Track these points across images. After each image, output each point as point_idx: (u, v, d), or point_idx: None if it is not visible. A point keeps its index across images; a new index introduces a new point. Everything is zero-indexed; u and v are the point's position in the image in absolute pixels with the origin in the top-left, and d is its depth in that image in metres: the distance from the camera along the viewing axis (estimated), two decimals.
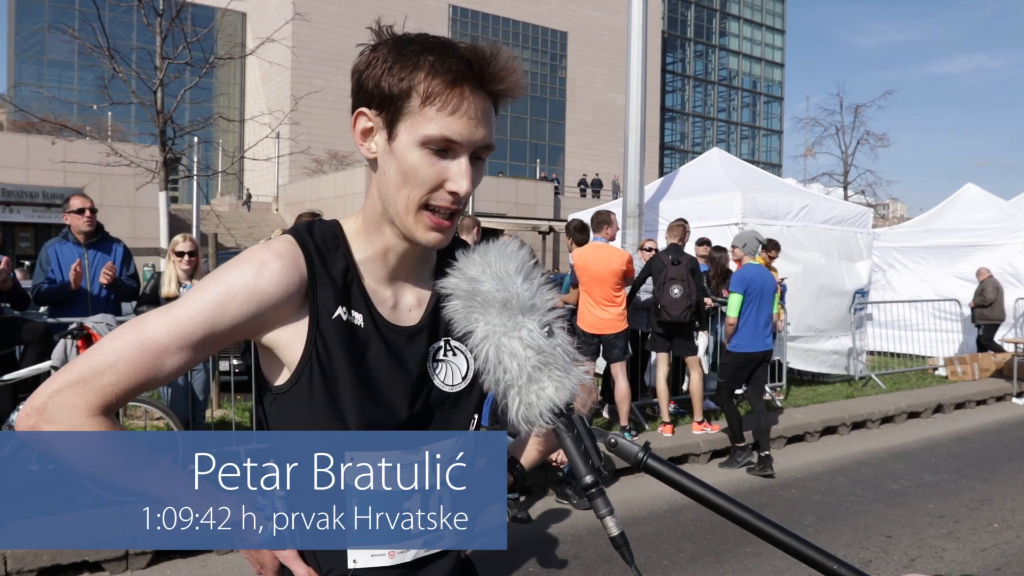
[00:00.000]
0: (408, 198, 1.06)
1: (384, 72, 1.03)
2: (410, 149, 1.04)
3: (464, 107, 1.03)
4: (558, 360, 1.03)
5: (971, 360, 10.99)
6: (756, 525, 0.96)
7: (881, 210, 27.11)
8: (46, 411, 0.98)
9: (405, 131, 1.04)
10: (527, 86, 1.10)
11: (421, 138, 1.03)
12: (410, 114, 1.03)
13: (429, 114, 1.02)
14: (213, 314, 1.02)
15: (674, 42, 59.61)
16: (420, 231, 1.09)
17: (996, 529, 5.10)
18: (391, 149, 1.06)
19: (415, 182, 1.05)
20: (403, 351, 1.14)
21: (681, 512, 5.32)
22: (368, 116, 1.08)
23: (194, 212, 13.45)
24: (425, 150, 1.04)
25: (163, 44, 8.19)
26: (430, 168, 1.04)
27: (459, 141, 1.04)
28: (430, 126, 1.02)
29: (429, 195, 1.06)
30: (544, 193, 34.97)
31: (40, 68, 43.74)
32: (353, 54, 1.11)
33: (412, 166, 1.04)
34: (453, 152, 1.05)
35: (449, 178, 1.05)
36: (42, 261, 5.29)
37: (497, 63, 1.03)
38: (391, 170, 1.07)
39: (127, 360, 0.99)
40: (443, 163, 1.05)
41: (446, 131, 1.03)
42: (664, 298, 6.66)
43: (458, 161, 1.05)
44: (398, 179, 1.06)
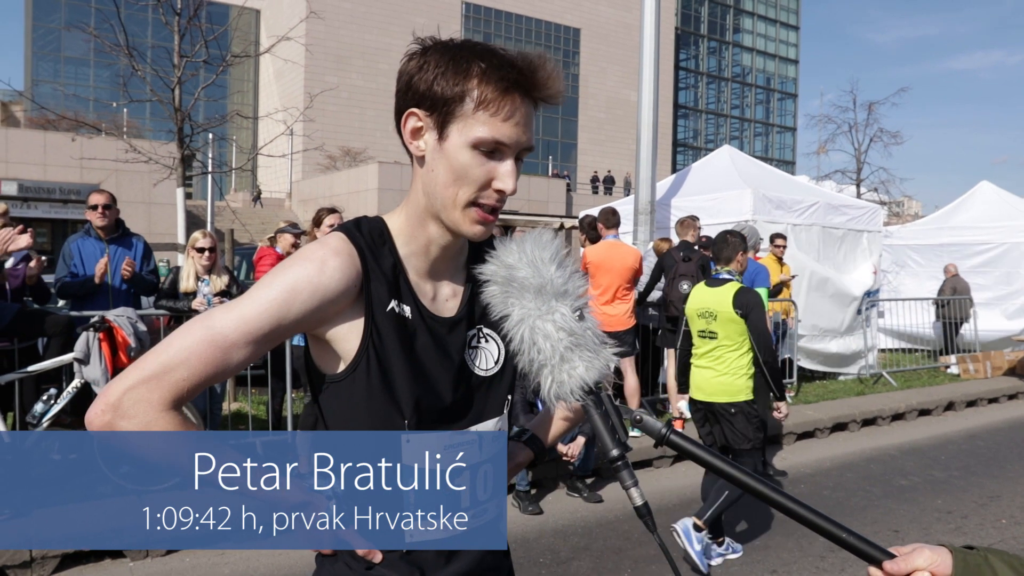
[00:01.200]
0: (458, 195, 1.14)
1: (437, 76, 1.11)
2: (461, 150, 1.12)
3: (514, 113, 1.11)
4: (588, 342, 1.12)
5: (983, 358, 10.96)
6: (770, 496, 1.03)
7: (895, 208, 26.97)
8: (121, 407, 1.02)
9: (457, 133, 1.12)
10: (565, 92, 1.19)
11: (473, 140, 1.11)
12: (463, 117, 1.11)
13: (481, 118, 1.10)
14: (279, 310, 1.08)
15: (687, 38, 59.39)
16: (466, 224, 1.16)
17: (1004, 525, 5.13)
18: (441, 149, 1.14)
19: (465, 180, 1.13)
20: (446, 340, 1.22)
21: (690, 505, 5.37)
22: (419, 116, 1.15)
23: (209, 208, 13.57)
24: (476, 151, 1.12)
25: (181, 42, 8.29)
26: (480, 168, 1.12)
27: (508, 144, 1.12)
28: (482, 129, 1.10)
29: (478, 193, 1.14)
30: (556, 190, 35.00)
31: (57, 65, 44.13)
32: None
33: (463, 165, 1.12)
34: (501, 154, 1.13)
35: (497, 177, 1.13)
36: (65, 255, 5.40)
37: (544, 72, 1.12)
38: (440, 168, 1.14)
39: (198, 355, 1.05)
40: (491, 164, 1.13)
41: (497, 135, 1.11)
42: (673, 293, 6.71)
43: (506, 162, 1.14)
44: (448, 177, 1.14)
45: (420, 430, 1.16)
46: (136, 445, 1.04)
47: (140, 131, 31.77)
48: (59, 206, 24.23)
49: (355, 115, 41.34)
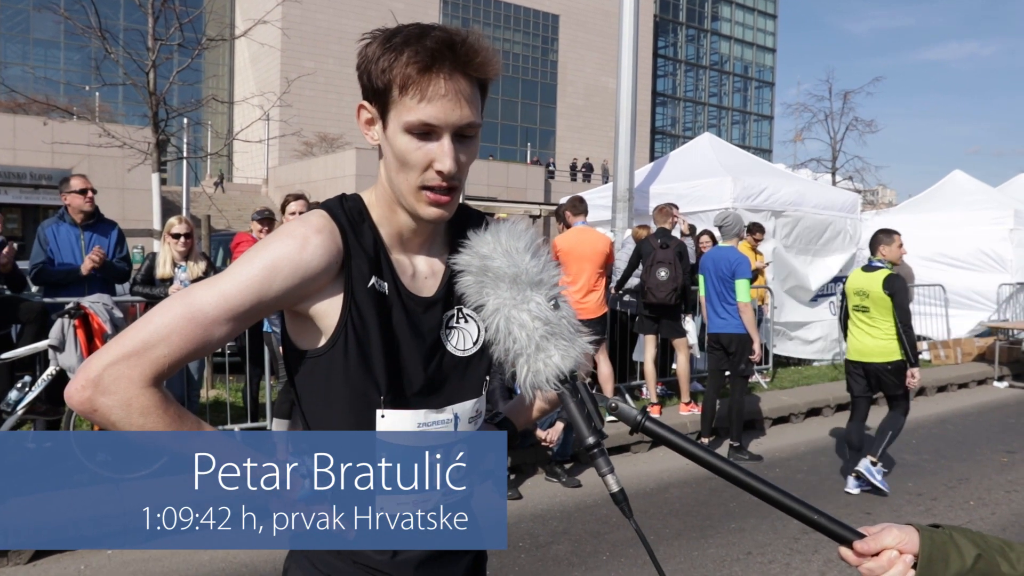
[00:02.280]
0: (407, 181, 1.15)
1: (373, 67, 1.12)
2: (398, 136, 1.13)
3: (438, 91, 1.10)
4: (564, 331, 1.14)
5: (954, 344, 11.17)
6: (744, 480, 1.06)
7: (869, 196, 27.27)
8: (101, 383, 1.02)
9: (393, 120, 1.14)
10: (500, 64, 1.17)
11: (404, 125, 1.12)
12: (394, 104, 1.12)
13: (408, 103, 1.11)
14: (260, 286, 1.09)
15: (666, 26, 59.41)
16: (422, 208, 1.17)
17: (972, 506, 5.26)
18: (387, 137, 1.16)
19: (407, 166, 1.14)
20: (419, 319, 1.23)
21: (668, 490, 5.45)
22: (367, 108, 1.18)
23: (184, 194, 13.39)
24: (409, 135, 1.13)
25: (155, 25, 8.16)
26: (417, 152, 1.13)
27: (436, 124, 1.12)
28: (409, 114, 1.11)
29: (422, 176, 1.14)
30: (535, 177, 34.98)
31: (26, 47, 43.18)
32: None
33: (402, 151, 1.14)
34: (435, 134, 1.13)
35: (435, 159, 1.13)
36: (40, 241, 5.31)
37: (465, 45, 1.11)
38: (389, 156, 1.17)
39: (178, 332, 1.05)
40: (428, 145, 1.13)
41: (423, 116, 1.11)
42: (651, 280, 6.76)
43: (440, 142, 1.13)
44: (395, 164, 1.16)
45: (396, 408, 1.18)
46: (115, 420, 1.04)
47: (113, 115, 31.22)
48: (30, 191, 23.79)
49: (332, 100, 40.90)
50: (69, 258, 5.33)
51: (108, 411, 1.02)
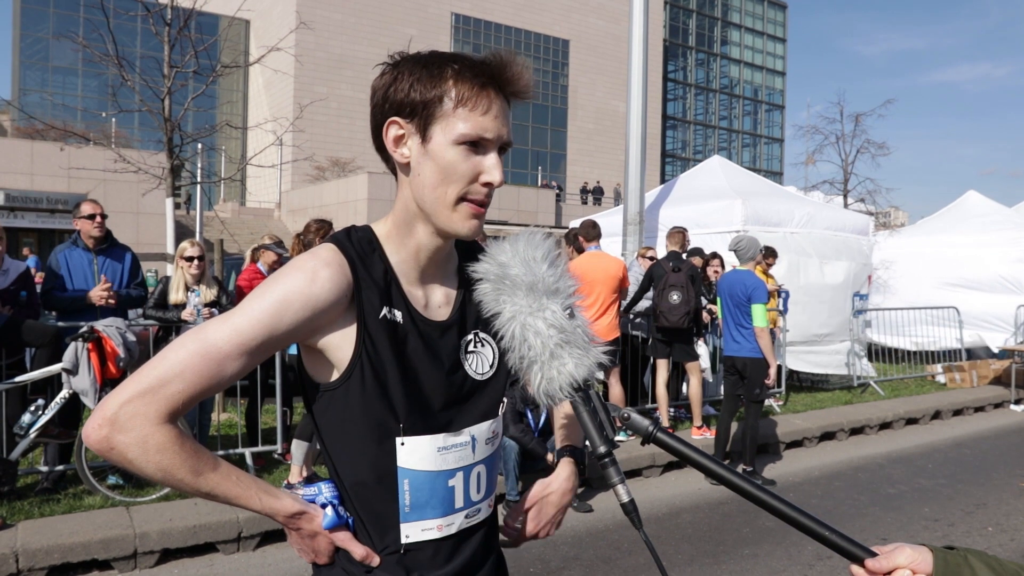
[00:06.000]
0: (447, 193, 1.16)
1: (413, 83, 1.15)
2: (446, 148, 1.15)
3: (492, 107, 1.15)
4: (578, 339, 1.15)
5: (969, 367, 11.04)
6: (755, 494, 1.05)
7: (882, 218, 27.14)
8: (117, 421, 1.03)
9: (440, 132, 1.15)
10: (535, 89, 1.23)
11: (457, 136, 1.14)
12: (443, 117, 1.14)
13: (462, 115, 1.14)
14: (272, 321, 1.10)
15: (675, 50, 59.81)
16: (459, 221, 1.18)
17: (991, 533, 5.17)
18: (426, 151, 1.16)
19: (453, 177, 1.15)
20: (437, 344, 1.24)
21: (679, 515, 5.39)
22: (400, 124, 1.18)
23: (198, 218, 13.51)
24: (460, 147, 1.15)
25: (171, 52, 8.29)
26: (465, 163, 1.15)
27: (490, 138, 1.15)
28: (464, 125, 1.14)
29: (467, 188, 1.16)
30: (546, 200, 35.08)
31: (44, 75, 43.95)
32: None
33: (450, 163, 1.15)
34: (484, 148, 1.16)
35: (484, 171, 1.16)
36: (52, 266, 5.37)
37: (513, 67, 1.16)
38: (427, 170, 1.17)
39: (192, 368, 1.06)
40: (476, 158, 1.16)
41: (479, 129, 1.14)
42: (663, 304, 6.74)
43: (490, 155, 1.17)
44: (435, 178, 1.16)
45: (415, 434, 1.19)
46: (132, 457, 1.05)
47: (129, 141, 31.63)
48: (46, 216, 24.11)
49: (344, 125, 41.32)
50: (81, 283, 5.36)
51: (125, 449, 1.03)
